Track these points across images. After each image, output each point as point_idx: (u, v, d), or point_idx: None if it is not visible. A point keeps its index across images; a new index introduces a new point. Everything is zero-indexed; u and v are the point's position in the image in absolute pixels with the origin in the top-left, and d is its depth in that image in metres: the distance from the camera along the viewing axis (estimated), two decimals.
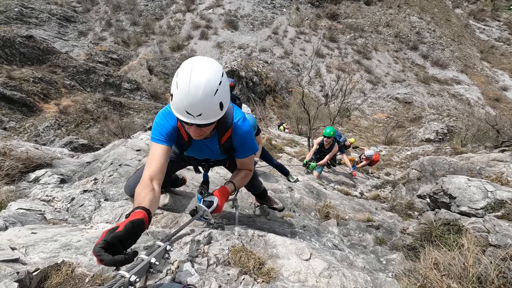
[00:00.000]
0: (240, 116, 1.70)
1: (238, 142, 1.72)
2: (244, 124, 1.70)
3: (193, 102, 1.27)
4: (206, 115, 1.33)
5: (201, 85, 1.25)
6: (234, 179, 1.82)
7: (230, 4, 33.65)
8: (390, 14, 37.15)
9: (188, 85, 1.25)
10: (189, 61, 1.33)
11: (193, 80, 1.25)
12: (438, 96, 26.74)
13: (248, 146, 1.78)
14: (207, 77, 1.28)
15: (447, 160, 4.87)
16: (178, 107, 1.33)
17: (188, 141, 1.72)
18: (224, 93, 1.37)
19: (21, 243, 1.18)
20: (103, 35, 28.76)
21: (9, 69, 14.79)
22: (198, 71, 1.27)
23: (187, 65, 1.31)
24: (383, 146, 15.39)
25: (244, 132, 1.70)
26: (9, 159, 3.00)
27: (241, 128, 1.68)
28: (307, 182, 4.90)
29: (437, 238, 2.45)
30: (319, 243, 2.52)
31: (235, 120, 1.66)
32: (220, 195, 1.59)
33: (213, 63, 1.35)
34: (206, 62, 1.33)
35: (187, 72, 1.27)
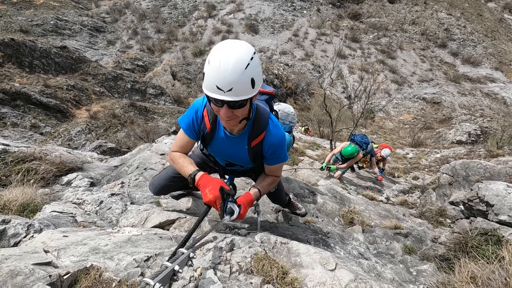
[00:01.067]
0: (276, 123, 1.66)
1: (270, 149, 1.67)
2: (279, 131, 1.65)
3: (224, 74, 1.26)
4: (237, 91, 1.29)
5: (231, 59, 1.25)
6: (260, 185, 1.78)
7: (250, 8, 33.97)
8: (416, 11, 35.72)
9: (219, 60, 1.26)
10: (221, 42, 1.34)
11: (225, 54, 1.26)
12: (470, 96, 25.24)
13: (279, 155, 1.72)
14: (238, 52, 1.27)
15: (482, 164, 4.56)
16: (209, 83, 1.32)
17: (211, 131, 1.67)
18: (256, 71, 1.35)
19: (53, 246, 1.24)
20: (129, 43, 30.07)
21: (45, 78, 15.85)
22: (229, 48, 1.28)
23: (220, 44, 1.32)
24: (409, 149, 14.74)
25: (277, 140, 1.65)
26: (45, 163, 3.18)
27: (275, 134, 1.63)
28: (330, 187, 4.78)
29: (473, 249, 2.29)
30: (344, 251, 2.43)
31: (270, 125, 1.63)
32: (244, 203, 1.56)
33: (245, 43, 1.35)
34: (238, 42, 1.34)
35: (219, 49, 1.28)
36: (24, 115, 13.64)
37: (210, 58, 1.29)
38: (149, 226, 2.11)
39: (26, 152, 3.30)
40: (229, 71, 1.25)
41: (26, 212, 1.98)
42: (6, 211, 1.92)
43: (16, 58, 15.78)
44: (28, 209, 2.02)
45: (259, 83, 1.40)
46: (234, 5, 34.19)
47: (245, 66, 1.27)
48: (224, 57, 1.26)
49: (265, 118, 1.61)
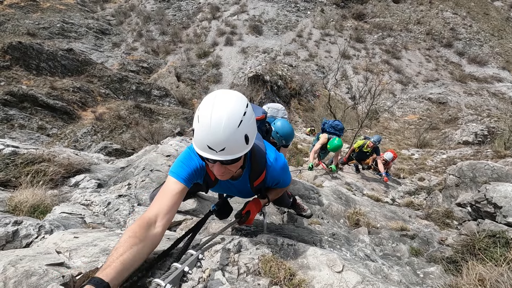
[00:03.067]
0: (274, 156, 1.59)
1: (273, 182, 1.64)
2: (278, 164, 1.58)
3: (215, 135, 1.17)
4: (230, 150, 1.22)
5: (223, 116, 1.16)
6: (268, 192, 1.78)
7: (254, 9, 34.04)
8: (421, 11, 35.47)
9: (210, 118, 1.16)
10: (212, 94, 1.25)
11: (215, 112, 1.16)
12: (477, 95, 24.94)
13: (283, 182, 1.71)
14: (230, 108, 1.18)
15: (489, 165, 4.51)
16: (199, 142, 1.23)
17: (215, 180, 1.60)
18: (250, 125, 1.26)
19: (65, 247, 1.26)
20: (134, 45, 30.32)
21: (52, 80, 16.07)
22: (220, 103, 1.19)
23: (209, 98, 1.23)
24: (415, 149, 14.62)
25: (279, 173, 1.60)
26: (53, 165, 3.23)
27: (275, 168, 1.57)
28: (335, 188, 4.77)
29: (481, 251, 2.27)
30: (350, 252, 2.43)
31: (269, 162, 1.55)
32: (253, 208, 1.57)
33: (237, 95, 1.26)
34: (229, 94, 1.25)
35: (209, 105, 1.19)
36: (31, 117, 13.84)
37: (200, 114, 1.20)
38: None
39: (35, 154, 3.35)
40: (221, 131, 1.16)
41: (37, 213, 2.02)
42: (17, 212, 1.96)
43: (24, 60, 16.03)
44: (39, 210, 2.06)
45: (253, 137, 1.33)
46: (238, 7, 34.30)
47: (237, 124, 1.19)
48: (215, 115, 1.16)
49: (262, 156, 1.53)
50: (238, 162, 1.33)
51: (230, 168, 1.32)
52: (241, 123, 1.20)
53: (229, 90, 1.29)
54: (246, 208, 1.59)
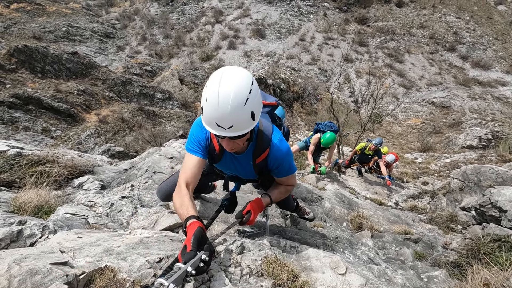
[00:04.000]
0: (279, 136, 1.62)
1: (275, 163, 1.63)
2: (282, 145, 1.61)
3: (223, 114, 1.24)
4: (238, 127, 1.29)
5: (230, 96, 1.21)
6: (271, 192, 1.76)
7: (257, 13, 34.26)
8: (424, 15, 35.50)
9: (217, 96, 1.22)
10: (218, 72, 1.29)
11: (222, 91, 1.22)
12: (481, 99, 24.82)
13: (286, 167, 1.69)
14: (236, 87, 1.23)
15: (494, 169, 4.47)
16: (208, 120, 1.31)
17: (220, 153, 1.68)
18: (255, 102, 1.32)
19: (69, 247, 1.27)
20: (138, 49, 30.60)
21: (57, 83, 16.23)
22: (226, 82, 1.23)
23: (216, 76, 1.27)
24: (418, 153, 14.55)
25: (282, 154, 1.60)
26: (57, 166, 3.25)
27: (279, 149, 1.59)
28: (337, 191, 4.75)
29: (486, 255, 2.24)
30: (353, 256, 2.41)
31: (274, 141, 1.59)
32: (254, 208, 1.55)
33: (242, 72, 1.30)
34: (234, 71, 1.29)
35: (216, 83, 1.24)
36: (35, 119, 13.96)
37: (207, 93, 1.26)
38: (159, 228, 2.13)
39: (39, 155, 3.37)
40: (228, 110, 1.23)
41: (41, 214, 2.03)
42: (21, 212, 1.97)
43: (29, 63, 16.22)
44: (43, 210, 2.07)
45: (259, 112, 1.39)
46: (241, 11, 34.54)
47: (244, 102, 1.25)
48: (222, 93, 1.22)
49: (268, 135, 1.58)
50: (246, 135, 1.42)
51: (238, 142, 1.42)
52: (247, 101, 1.26)
53: (235, 68, 1.32)
54: (247, 208, 1.57)
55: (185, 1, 37.68)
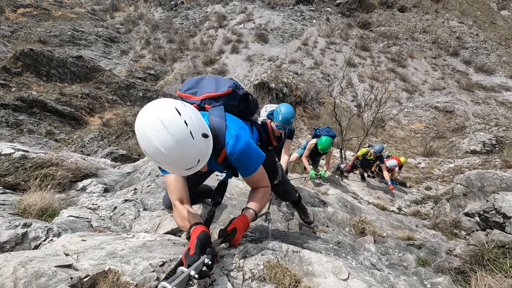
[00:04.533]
0: (232, 134, 1.46)
1: (235, 162, 1.53)
2: (238, 143, 1.46)
3: (184, 162, 1.17)
4: (204, 156, 1.24)
5: (177, 148, 1.10)
6: (251, 203, 1.65)
7: (260, 18, 34.50)
8: (427, 20, 35.55)
9: (166, 157, 1.11)
10: (141, 130, 1.11)
11: (165, 150, 1.09)
12: (484, 104, 24.70)
13: (247, 165, 1.57)
14: (174, 135, 1.09)
15: (498, 175, 4.44)
16: (176, 172, 1.31)
17: None
18: (198, 125, 1.19)
19: (73, 250, 1.28)
20: (142, 53, 30.87)
21: (61, 86, 16.40)
22: (159, 138, 1.08)
23: (144, 137, 1.10)
24: (422, 158, 14.47)
25: (238, 152, 1.47)
26: (61, 169, 3.28)
27: (234, 147, 1.45)
28: (340, 196, 4.74)
29: (490, 262, 2.22)
30: (356, 261, 2.40)
31: (227, 140, 1.45)
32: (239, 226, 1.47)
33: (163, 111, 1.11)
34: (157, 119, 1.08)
35: (151, 145, 1.09)
36: (40, 122, 14.09)
37: (154, 158, 1.15)
38: (162, 232, 2.14)
39: (44, 158, 3.41)
40: (185, 159, 1.16)
41: (45, 216, 2.05)
42: (26, 215, 1.99)
43: (34, 67, 16.42)
44: (47, 213, 2.09)
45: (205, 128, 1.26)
46: (244, 15, 34.81)
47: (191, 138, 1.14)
48: (166, 152, 1.10)
49: (222, 134, 1.45)
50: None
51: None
52: (192, 133, 1.14)
53: (151, 111, 1.11)
54: (231, 225, 1.48)
55: (188, 6, 38.07)
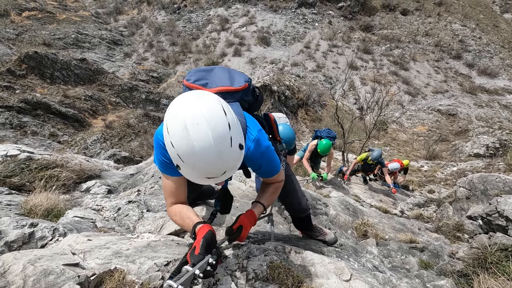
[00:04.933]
0: (254, 137, 1.35)
1: (253, 166, 1.45)
2: (259, 145, 1.36)
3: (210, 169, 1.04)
4: (232, 169, 1.10)
5: (211, 148, 0.97)
6: (262, 198, 1.58)
7: (262, 21, 34.67)
8: (429, 23, 35.56)
9: (194, 155, 0.98)
10: (176, 119, 0.99)
11: (198, 146, 0.96)
12: (487, 107, 24.60)
13: (268, 169, 1.50)
14: (214, 132, 0.97)
15: (501, 178, 4.43)
16: (194, 177, 1.10)
17: None
18: (238, 131, 1.08)
19: (79, 249, 1.30)
20: (145, 56, 31.09)
21: (65, 88, 16.54)
22: (197, 131, 0.96)
23: (178, 128, 0.98)
24: (424, 161, 14.42)
25: (258, 157, 1.38)
26: (66, 171, 3.31)
27: (255, 151, 1.34)
28: (342, 198, 4.74)
29: (493, 265, 2.22)
30: (358, 263, 2.40)
31: (248, 143, 1.32)
32: (245, 223, 1.39)
33: (208, 104, 1.01)
34: (198, 111, 0.98)
35: (184, 139, 0.97)
36: (43, 124, 14.21)
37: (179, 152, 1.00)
38: (165, 233, 2.16)
39: (49, 160, 3.45)
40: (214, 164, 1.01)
41: (50, 217, 2.08)
42: (32, 215, 2.02)
43: (39, 69, 16.58)
44: (52, 213, 2.12)
45: (243, 137, 1.15)
46: (247, 18, 34.99)
47: (229, 144, 1.01)
48: (199, 149, 0.97)
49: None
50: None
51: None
52: (232, 140, 1.02)
53: (196, 103, 1.01)
54: (237, 223, 1.39)
55: (191, 9, 38.35)
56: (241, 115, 1.35)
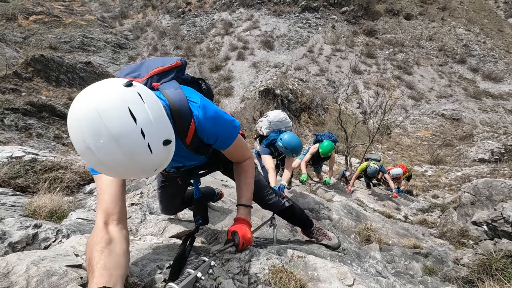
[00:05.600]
0: (198, 102, 1.23)
1: (210, 137, 1.30)
2: (207, 112, 1.24)
3: (134, 176, 0.96)
4: (161, 166, 0.99)
5: (125, 165, 0.86)
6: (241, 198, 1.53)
7: (266, 25, 34.85)
8: (433, 27, 35.52)
9: (109, 170, 0.88)
10: (73, 117, 0.83)
11: (108, 163, 0.85)
12: (492, 112, 24.41)
13: (224, 135, 1.34)
14: (124, 154, 0.84)
15: (506, 184, 4.38)
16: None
17: None
18: (162, 129, 0.92)
19: (82, 251, 1.31)
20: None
21: (70, 91, 16.71)
22: (105, 153, 0.83)
23: (75, 129, 0.83)
24: (428, 166, 14.31)
25: (211, 122, 1.26)
26: (70, 173, 3.34)
27: (205, 119, 1.23)
28: (345, 203, 4.71)
29: (498, 271, 2.19)
30: (361, 268, 2.38)
31: (194, 111, 1.21)
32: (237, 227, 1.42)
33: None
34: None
35: (91, 159, 0.85)
36: (48, 126, 14.33)
37: (86, 160, 0.88)
38: (168, 236, 2.16)
39: (53, 161, 3.48)
40: (135, 173, 0.94)
41: (54, 218, 2.09)
42: (36, 216, 2.03)
43: (45, 72, 16.77)
44: (56, 215, 2.13)
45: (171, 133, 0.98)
46: (250, 23, 35.20)
47: (148, 152, 0.88)
48: (109, 166, 0.86)
49: (185, 107, 1.19)
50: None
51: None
52: (151, 145, 0.87)
53: (90, 95, 0.84)
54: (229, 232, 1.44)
55: (196, 14, 38.69)
56: (177, 88, 1.25)
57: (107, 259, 0.93)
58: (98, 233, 1.02)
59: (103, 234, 1.02)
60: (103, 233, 1.02)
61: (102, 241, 0.99)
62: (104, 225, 1.06)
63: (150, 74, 1.30)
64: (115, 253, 0.98)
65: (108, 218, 1.08)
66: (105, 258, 0.94)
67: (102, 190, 1.14)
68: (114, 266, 0.93)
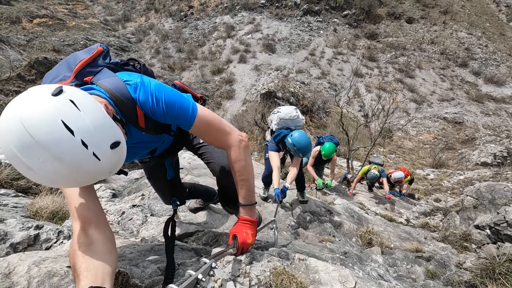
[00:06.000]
0: (134, 84, 1.12)
1: (159, 114, 1.16)
2: (147, 89, 1.13)
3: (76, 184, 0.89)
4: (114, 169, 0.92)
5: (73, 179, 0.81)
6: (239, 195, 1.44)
7: (268, 29, 35.01)
8: (435, 31, 35.55)
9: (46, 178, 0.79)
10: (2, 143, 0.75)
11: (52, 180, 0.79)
12: (495, 116, 24.32)
13: (179, 109, 1.18)
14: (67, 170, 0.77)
15: (509, 187, 4.35)
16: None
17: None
18: (106, 134, 0.85)
19: None
20: (152, 62, 31.51)
21: None
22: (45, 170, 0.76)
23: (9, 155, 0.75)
24: (430, 169, 14.25)
25: (155, 102, 1.13)
26: None
27: (147, 100, 1.11)
28: (347, 206, 4.70)
29: (501, 275, 2.17)
30: (363, 271, 2.37)
31: (134, 95, 1.11)
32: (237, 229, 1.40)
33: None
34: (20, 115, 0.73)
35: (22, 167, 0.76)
36: None
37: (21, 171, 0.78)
38: None
39: None
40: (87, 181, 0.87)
41: (56, 219, 2.10)
42: (37, 217, 2.04)
43: None
44: (57, 216, 2.14)
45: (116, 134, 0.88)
46: (252, 26, 35.38)
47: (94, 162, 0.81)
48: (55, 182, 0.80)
49: (125, 92, 1.10)
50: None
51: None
52: (98, 154, 0.81)
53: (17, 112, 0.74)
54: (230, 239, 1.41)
55: (198, 17, 38.94)
56: (111, 75, 1.17)
57: (89, 261, 0.91)
58: (78, 239, 0.98)
59: (82, 240, 0.97)
60: (82, 238, 0.98)
61: (82, 245, 0.95)
62: (82, 231, 1.00)
63: (76, 70, 1.18)
64: (98, 252, 0.95)
65: (85, 225, 1.01)
66: (87, 260, 0.92)
67: (70, 199, 1.04)
68: (98, 265, 0.91)
